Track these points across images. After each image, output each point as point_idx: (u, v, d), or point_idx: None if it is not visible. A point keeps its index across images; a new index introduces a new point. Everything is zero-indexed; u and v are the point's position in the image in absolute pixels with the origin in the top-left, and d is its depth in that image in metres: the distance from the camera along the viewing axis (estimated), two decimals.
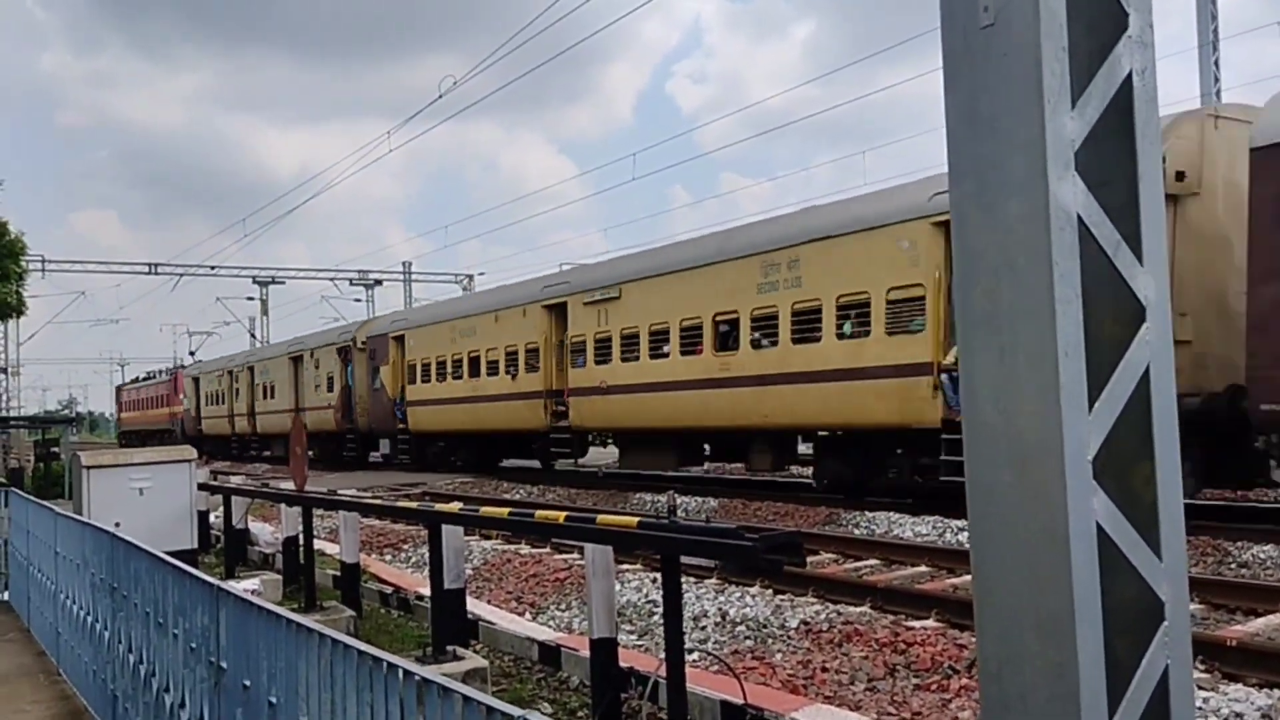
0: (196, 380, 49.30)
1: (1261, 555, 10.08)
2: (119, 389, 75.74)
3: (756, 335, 16.61)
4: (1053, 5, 2.23)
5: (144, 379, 64.35)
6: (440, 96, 23.77)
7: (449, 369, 26.29)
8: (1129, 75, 2.37)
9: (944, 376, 13.32)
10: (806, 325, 15.71)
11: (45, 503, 9.37)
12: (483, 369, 24.74)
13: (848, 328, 14.97)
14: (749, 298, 16.67)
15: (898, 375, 14.06)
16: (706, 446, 20.23)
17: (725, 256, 17.47)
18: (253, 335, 57.99)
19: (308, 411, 33.43)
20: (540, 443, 23.66)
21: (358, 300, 56.01)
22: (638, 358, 19.42)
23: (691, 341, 18.06)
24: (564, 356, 21.62)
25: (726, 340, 17.38)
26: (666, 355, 18.65)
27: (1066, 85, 2.27)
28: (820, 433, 16.75)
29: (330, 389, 32.84)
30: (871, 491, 15.51)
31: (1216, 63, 22.35)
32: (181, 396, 51.83)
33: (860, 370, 14.63)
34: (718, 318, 17.48)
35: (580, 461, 23.67)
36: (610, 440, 23.65)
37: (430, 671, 2.36)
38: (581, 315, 21.01)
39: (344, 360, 32.06)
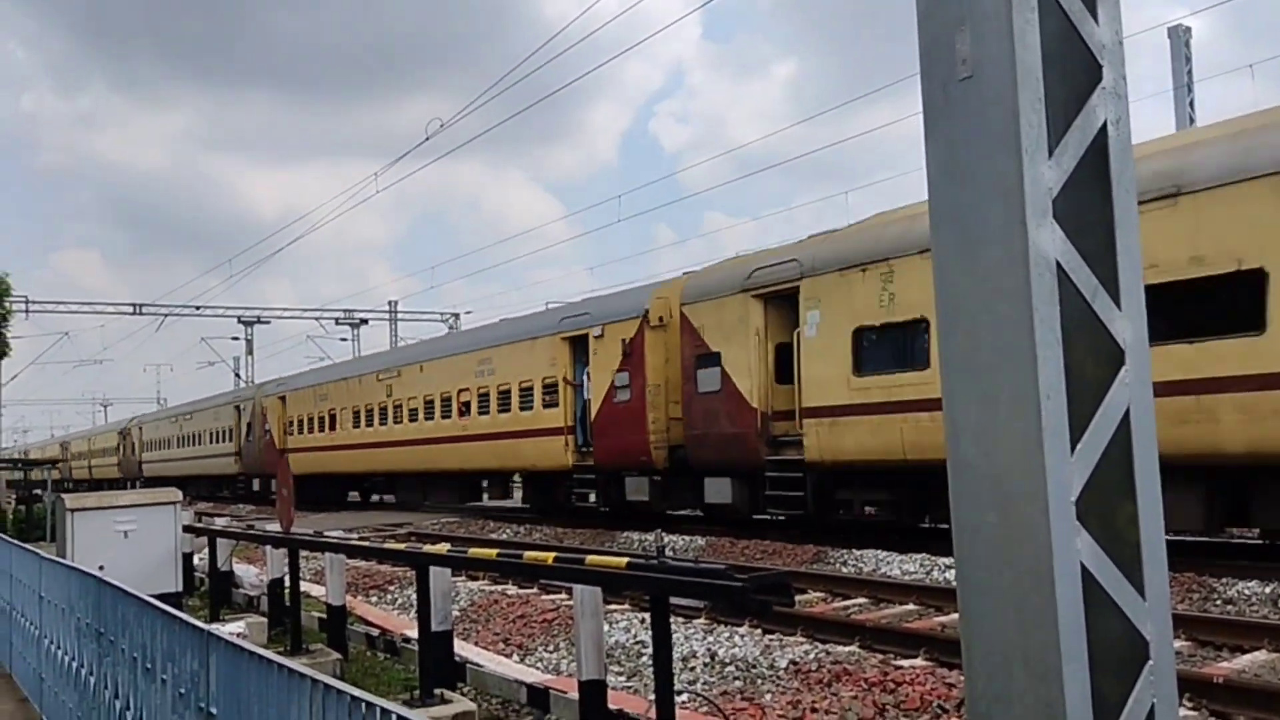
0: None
1: (1246, 591, 10.11)
2: None
3: (483, 406, 24.58)
4: (1028, 59, 2.30)
5: None
6: (427, 138, 23.89)
7: (314, 424, 34.65)
8: (1104, 125, 2.44)
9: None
10: (504, 400, 23.69)
11: (29, 546, 9.29)
12: (339, 423, 32.74)
13: (524, 402, 23.01)
14: (475, 380, 24.96)
15: (550, 435, 21.78)
16: (483, 482, 28.65)
17: (461, 350, 26.44)
18: (238, 375, 57.77)
19: (214, 459, 43.89)
20: (369, 482, 33.46)
21: (343, 340, 55.93)
22: (418, 419, 27.70)
23: (447, 409, 26.29)
24: (388, 415, 29.92)
25: (468, 409, 25.32)
26: (448, 417, 26.38)
27: (1043, 135, 2.33)
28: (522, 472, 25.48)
29: (231, 438, 42.10)
30: (557, 511, 22.93)
31: (1191, 104, 22.74)
32: None
33: (533, 431, 22.48)
34: (461, 393, 25.59)
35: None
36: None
37: (419, 715, 2.37)
38: (376, 388, 30.34)
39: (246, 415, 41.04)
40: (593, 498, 21.18)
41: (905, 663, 8.06)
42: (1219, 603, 9.99)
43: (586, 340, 20.67)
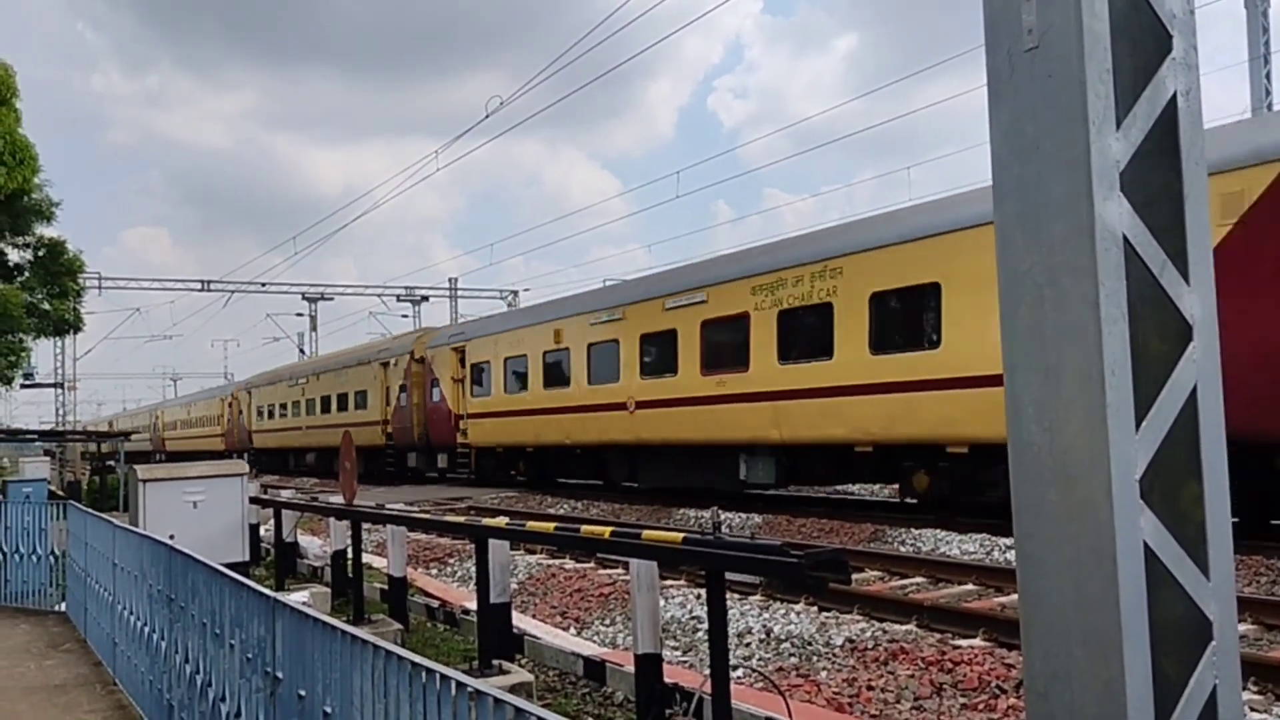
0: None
1: None
2: None
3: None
4: (1096, 28, 2.25)
5: None
6: (488, 116, 24.09)
7: (180, 423, 58.75)
8: (1173, 96, 2.38)
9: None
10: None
11: (103, 515, 9.57)
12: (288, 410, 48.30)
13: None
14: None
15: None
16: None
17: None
18: (302, 351, 58.79)
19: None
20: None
21: (404, 316, 56.65)
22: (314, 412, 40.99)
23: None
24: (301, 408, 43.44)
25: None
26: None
27: (1111, 106, 2.28)
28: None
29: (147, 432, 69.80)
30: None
31: (1268, 75, 22.03)
32: None
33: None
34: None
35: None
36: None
37: (482, 684, 2.42)
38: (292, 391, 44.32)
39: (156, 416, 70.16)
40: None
41: (963, 642, 8.01)
42: None
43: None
